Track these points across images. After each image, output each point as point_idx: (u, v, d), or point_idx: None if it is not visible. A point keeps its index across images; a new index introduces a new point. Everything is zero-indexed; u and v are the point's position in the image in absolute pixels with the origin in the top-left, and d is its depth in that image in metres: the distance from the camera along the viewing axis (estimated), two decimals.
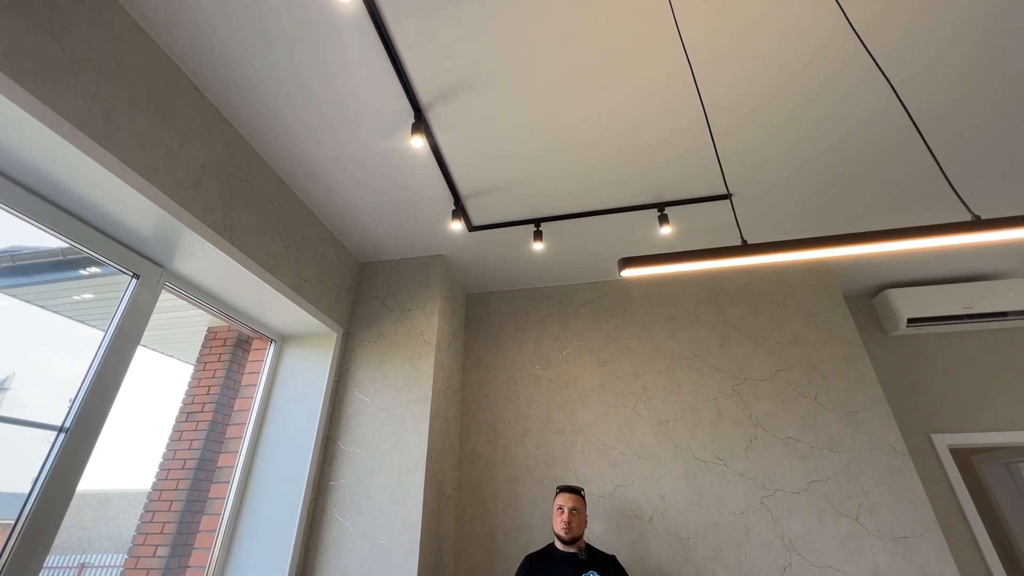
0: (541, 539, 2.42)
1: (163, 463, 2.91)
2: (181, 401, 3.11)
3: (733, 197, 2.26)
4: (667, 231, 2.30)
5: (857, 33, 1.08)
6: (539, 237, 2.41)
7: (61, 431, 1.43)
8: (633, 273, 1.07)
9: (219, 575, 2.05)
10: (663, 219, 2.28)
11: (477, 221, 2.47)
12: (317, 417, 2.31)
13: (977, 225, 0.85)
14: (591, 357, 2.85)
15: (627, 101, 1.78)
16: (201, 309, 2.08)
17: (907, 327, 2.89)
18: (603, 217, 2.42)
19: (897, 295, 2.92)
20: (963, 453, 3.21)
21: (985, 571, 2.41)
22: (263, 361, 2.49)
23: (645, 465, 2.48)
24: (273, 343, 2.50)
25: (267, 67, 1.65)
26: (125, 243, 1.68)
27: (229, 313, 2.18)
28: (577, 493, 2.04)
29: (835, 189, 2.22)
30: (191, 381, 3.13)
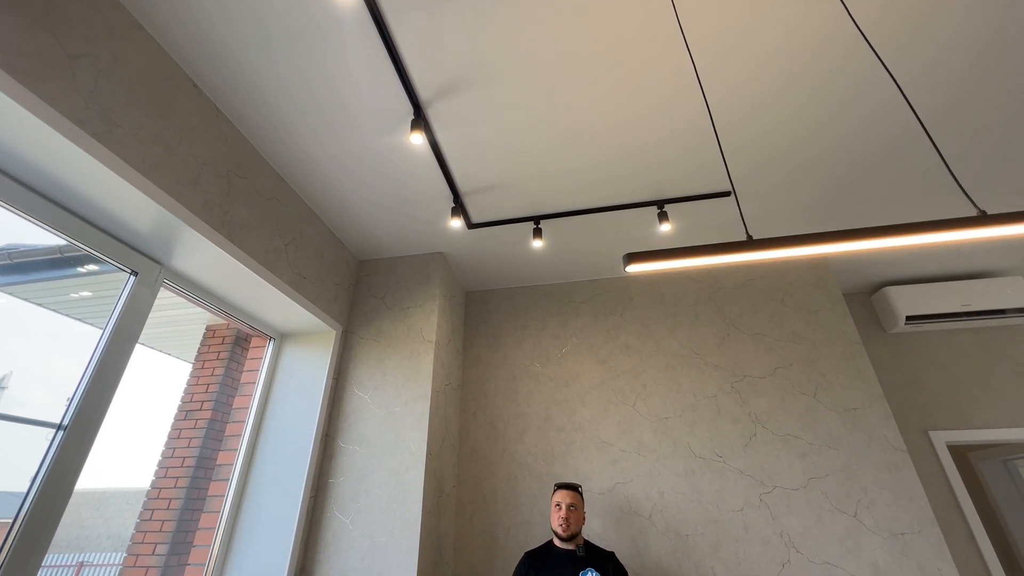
0: (540, 536, 2.42)
1: (162, 461, 2.91)
2: (180, 399, 3.11)
3: (734, 194, 2.25)
4: (667, 228, 2.30)
5: (861, 31, 1.08)
6: (539, 234, 2.41)
7: (59, 428, 1.43)
8: (638, 268, 1.07)
9: (218, 573, 2.04)
10: (663, 216, 2.28)
11: (476, 218, 2.47)
12: (316, 415, 2.30)
13: (983, 220, 0.85)
14: (590, 355, 2.85)
15: (629, 100, 1.77)
16: (200, 307, 2.07)
17: (906, 324, 2.89)
18: (603, 214, 2.42)
19: (896, 293, 2.93)
20: (961, 450, 3.23)
21: (983, 567, 2.43)
22: (262, 359, 2.49)
23: (644, 462, 2.48)
24: (272, 341, 2.50)
25: (265, 63, 1.64)
26: (123, 240, 1.68)
27: (228, 311, 2.17)
28: (575, 490, 2.04)
29: (838, 187, 2.22)
30: (190, 379, 3.13)
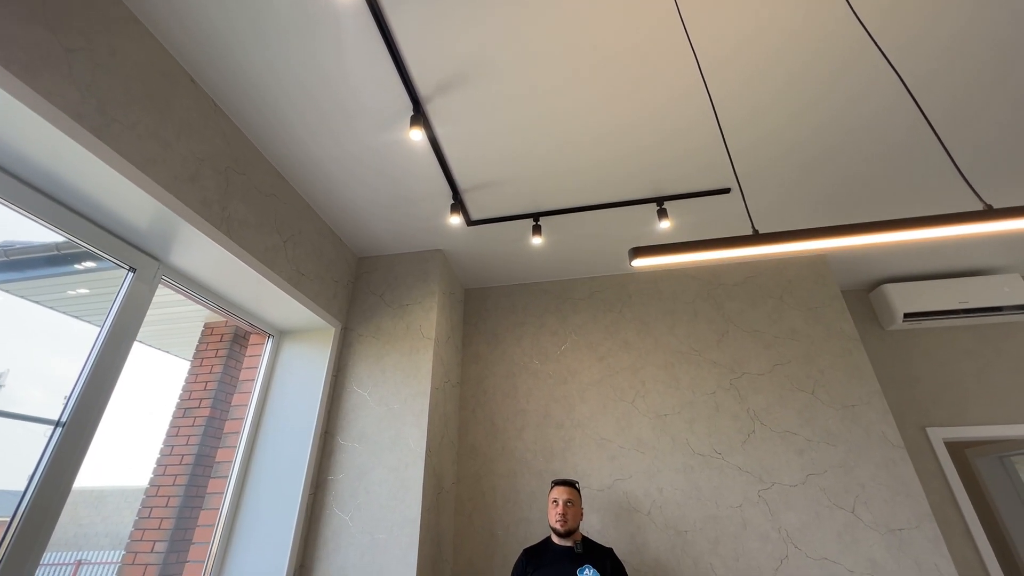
0: (540, 533, 2.42)
1: (160, 459, 2.90)
2: (178, 397, 3.10)
3: (734, 191, 2.25)
4: (666, 226, 2.30)
5: (866, 29, 1.07)
6: (538, 231, 2.41)
7: (58, 425, 1.42)
8: (644, 263, 1.07)
9: (218, 570, 2.04)
10: (662, 214, 2.28)
11: (476, 215, 2.46)
12: (315, 412, 2.30)
13: (990, 214, 0.85)
14: (589, 351, 2.85)
15: (632, 99, 1.77)
16: (198, 304, 2.07)
17: (903, 322, 2.90)
18: (602, 212, 2.41)
19: (894, 290, 2.94)
20: (958, 447, 3.24)
21: (979, 562, 2.44)
22: (261, 356, 2.48)
23: (643, 459, 2.49)
24: (271, 338, 2.49)
25: (263, 58, 1.63)
26: (121, 236, 1.67)
27: (226, 308, 2.16)
28: (572, 486, 2.04)
29: (842, 185, 2.22)
30: (188, 377, 3.12)
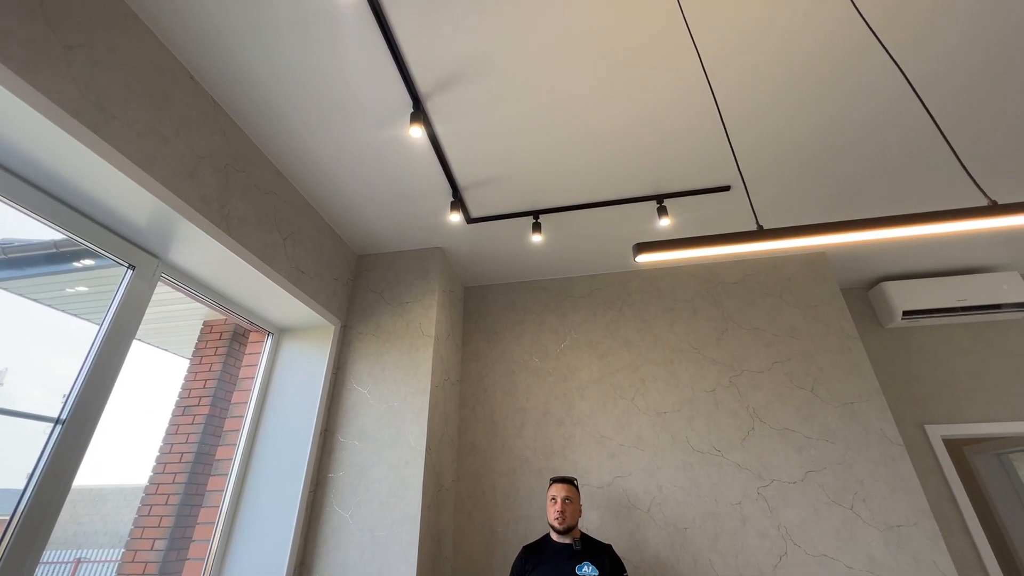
0: (539, 530, 2.43)
1: (160, 457, 2.89)
2: (177, 395, 3.09)
3: (734, 189, 2.25)
4: (666, 223, 2.30)
5: (870, 26, 1.07)
6: (538, 229, 2.41)
7: (57, 423, 1.42)
8: (648, 259, 1.07)
9: (218, 567, 2.04)
10: (662, 211, 2.28)
11: (475, 213, 2.46)
12: (315, 410, 2.30)
13: (995, 210, 0.85)
14: (589, 349, 2.85)
15: (633, 99, 1.77)
16: (198, 301, 2.06)
17: (902, 319, 2.91)
18: (602, 209, 2.41)
19: (893, 288, 2.94)
20: (956, 444, 3.25)
21: (976, 559, 2.45)
22: (260, 354, 2.48)
23: (643, 456, 2.49)
24: (270, 336, 2.49)
25: (262, 55, 1.62)
26: (120, 233, 1.66)
27: (226, 305, 2.16)
28: (570, 483, 2.04)
29: (843, 183, 2.22)
30: (187, 375, 3.11)
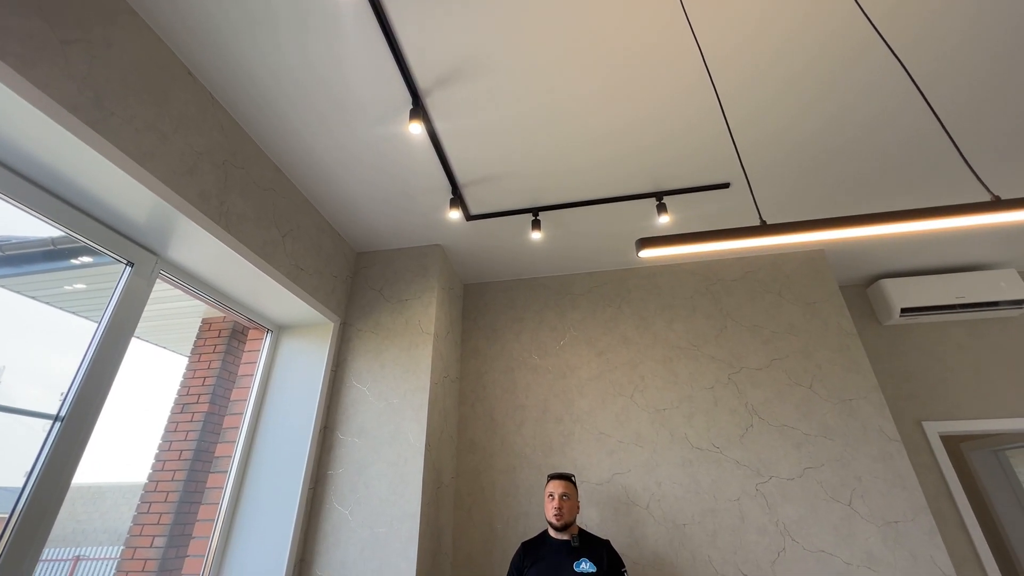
0: (539, 527, 2.44)
1: (159, 454, 2.89)
2: (176, 393, 3.09)
3: (733, 186, 2.25)
4: (665, 220, 2.30)
5: (872, 23, 1.07)
6: (537, 226, 2.40)
7: (56, 420, 1.42)
8: (651, 253, 1.07)
9: (218, 564, 2.05)
10: (662, 208, 2.28)
11: (475, 210, 2.45)
12: (315, 407, 2.30)
13: (997, 205, 0.85)
14: (588, 347, 2.86)
15: (634, 98, 1.77)
16: (197, 299, 2.06)
17: (900, 316, 2.92)
18: (602, 206, 2.41)
19: (891, 285, 2.95)
20: (953, 440, 3.27)
21: (973, 554, 2.47)
22: (259, 351, 2.47)
23: (642, 453, 2.50)
24: (269, 333, 2.49)
25: (260, 51, 1.62)
26: (119, 230, 1.65)
27: (225, 302, 2.16)
28: (567, 479, 2.04)
29: (845, 181, 2.22)
30: (186, 372, 3.11)
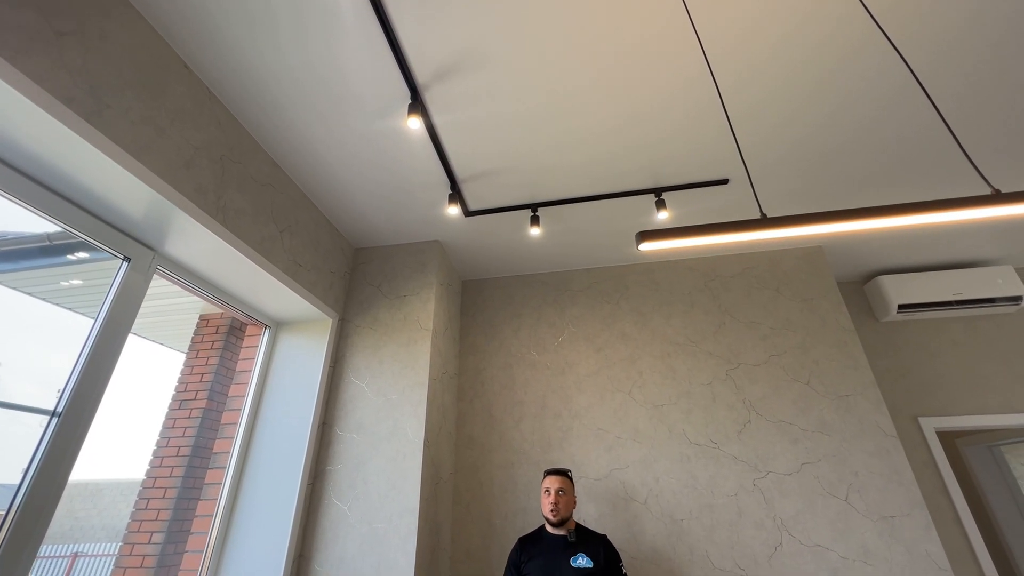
0: (537, 522, 2.44)
1: (157, 451, 2.89)
2: (174, 389, 3.08)
3: (732, 182, 2.25)
4: (664, 216, 2.30)
5: (873, 17, 1.07)
6: (536, 222, 2.40)
7: (53, 415, 1.41)
8: (651, 247, 1.07)
9: (216, 560, 2.04)
10: (660, 204, 2.27)
11: (474, 206, 2.45)
12: (313, 403, 2.30)
13: (998, 199, 0.85)
14: (587, 343, 2.86)
15: (634, 94, 1.76)
16: (194, 294, 2.05)
17: (898, 313, 2.93)
18: (600, 202, 2.41)
19: (888, 282, 2.95)
20: (949, 436, 3.29)
21: (968, 548, 2.49)
22: (257, 347, 2.47)
23: (640, 449, 2.51)
24: (267, 329, 2.48)
25: (257, 45, 1.60)
26: (115, 225, 1.64)
27: (222, 298, 2.15)
28: (564, 475, 2.04)
29: (845, 176, 2.22)
30: (184, 369, 3.10)
